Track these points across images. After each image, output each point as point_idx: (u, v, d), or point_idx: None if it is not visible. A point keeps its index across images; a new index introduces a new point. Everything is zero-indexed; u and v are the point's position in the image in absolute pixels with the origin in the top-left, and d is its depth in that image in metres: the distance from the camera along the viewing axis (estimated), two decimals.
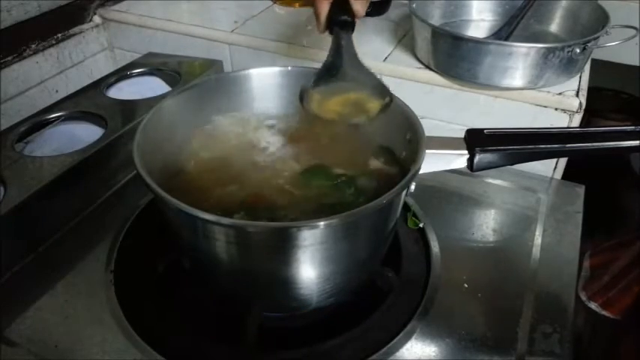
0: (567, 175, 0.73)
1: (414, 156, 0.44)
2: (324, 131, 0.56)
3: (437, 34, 0.68)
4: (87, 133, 0.66)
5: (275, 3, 0.93)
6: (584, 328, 0.56)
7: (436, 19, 0.78)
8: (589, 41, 0.64)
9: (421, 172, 0.43)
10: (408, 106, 0.49)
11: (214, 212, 0.38)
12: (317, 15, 0.51)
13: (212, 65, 0.81)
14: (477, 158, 0.46)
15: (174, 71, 0.79)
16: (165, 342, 0.47)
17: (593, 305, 0.67)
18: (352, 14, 0.50)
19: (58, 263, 0.55)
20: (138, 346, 0.47)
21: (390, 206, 0.44)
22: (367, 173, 0.50)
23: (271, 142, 0.55)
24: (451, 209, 0.64)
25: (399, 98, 0.51)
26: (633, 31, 0.65)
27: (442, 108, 0.73)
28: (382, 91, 0.48)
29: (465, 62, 0.66)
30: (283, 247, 0.40)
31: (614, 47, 0.64)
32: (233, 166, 0.52)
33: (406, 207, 0.61)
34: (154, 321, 0.50)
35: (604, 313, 0.72)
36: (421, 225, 0.60)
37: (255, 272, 0.44)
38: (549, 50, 0.63)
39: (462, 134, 0.47)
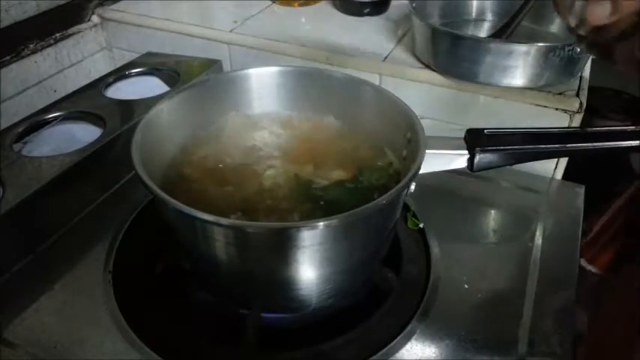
0: (567, 175, 0.72)
1: (413, 156, 0.44)
2: (322, 132, 0.56)
3: (437, 33, 0.68)
4: (85, 133, 0.65)
5: (275, 2, 0.93)
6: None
7: (436, 19, 0.78)
8: None
9: (421, 172, 0.43)
10: (407, 106, 0.49)
11: (213, 213, 0.38)
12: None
13: (211, 65, 0.80)
14: (477, 158, 0.46)
15: (173, 71, 0.78)
16: (164, 343, 0.47)
17: (582, 261, 0.68)
18: None
19: (57, 264, 0.55)
20: (136, 347, 0.46)
21: (390, 206, 0.44)
22: (366, 173, 0.50)
23: (270, 142, 0.55)
24: (451, 209, 0.64)
25: (398, 98, 0.51)
26: None
27: (442, 108, 0.72)
28: None
29: (465, 61, 0.66)
30: (282, 247, 0.40)
31: None
32: (232, 166, 0.51)
33: (406, 207, 0.61)
34: (152, 322, 0.49)
35: (589, 268, 0.73)
36: (421, 225, 0.60)
37: (254, 273, 0.44)
38: (550, 49, 0.63)
39: (462, 134, 0.47)
